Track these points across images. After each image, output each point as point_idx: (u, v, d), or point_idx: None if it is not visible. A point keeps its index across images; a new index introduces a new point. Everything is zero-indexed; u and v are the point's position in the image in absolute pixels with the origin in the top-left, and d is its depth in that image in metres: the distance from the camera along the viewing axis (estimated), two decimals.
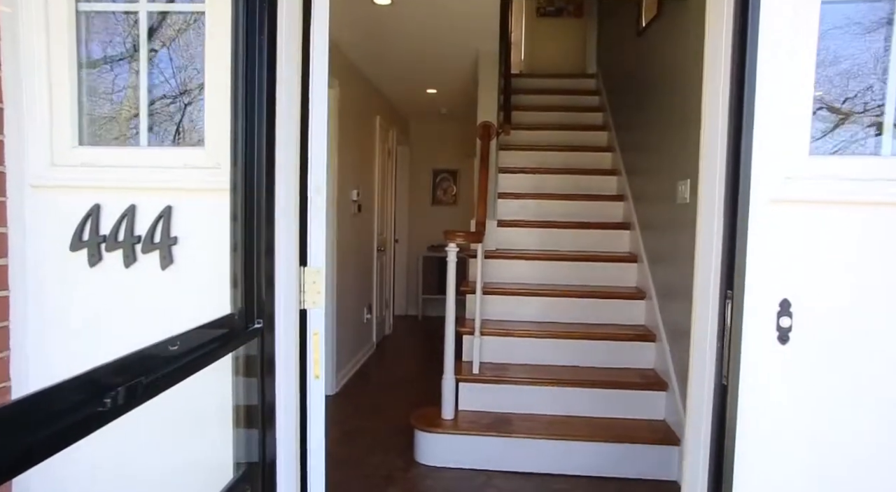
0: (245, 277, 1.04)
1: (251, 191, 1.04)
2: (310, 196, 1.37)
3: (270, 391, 1.12)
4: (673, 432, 2.80)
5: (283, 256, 1.23)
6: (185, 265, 1.20)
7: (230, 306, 1.04)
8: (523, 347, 3.25)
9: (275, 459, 1.17)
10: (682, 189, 2.81)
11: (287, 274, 1.26)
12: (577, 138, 4.71)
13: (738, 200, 1.05)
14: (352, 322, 4.52)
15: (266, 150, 1.07)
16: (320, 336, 1.45)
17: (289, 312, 1.28)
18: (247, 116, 1.02)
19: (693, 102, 2.68)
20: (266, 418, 1.11)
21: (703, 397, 1.14)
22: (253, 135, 1.04)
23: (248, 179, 1.03)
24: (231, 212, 1.03)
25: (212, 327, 0.92)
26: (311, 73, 1.32)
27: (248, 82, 1.02)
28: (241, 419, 1.12)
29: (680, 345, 2.83)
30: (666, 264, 3.13)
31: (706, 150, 1.19)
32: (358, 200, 4.52)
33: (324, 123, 1.38)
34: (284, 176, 1.21)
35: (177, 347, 0.80)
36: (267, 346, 1.10)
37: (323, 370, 1.45)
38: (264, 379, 1.10)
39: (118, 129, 1.27)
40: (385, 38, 3.76)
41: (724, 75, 1.10)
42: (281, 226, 1.22)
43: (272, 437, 1.13)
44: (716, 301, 1.11)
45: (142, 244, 1.19)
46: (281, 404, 1.16)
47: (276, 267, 1.17)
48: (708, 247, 1.16)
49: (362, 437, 3.19)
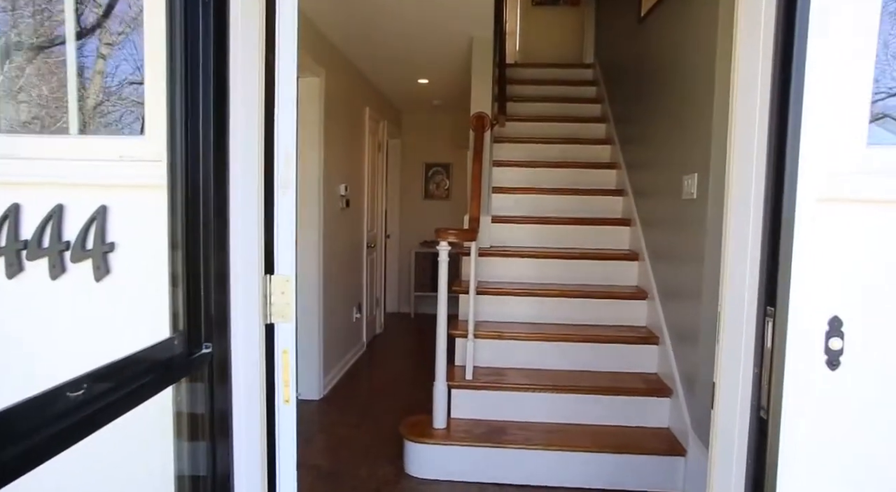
0: (188, 292, 0.86)
1: (195, 188, 0.86)
2: (276, 193, 1.19)
3: (223, 438, 0.93)
4: (678, 441, 2.65)
5: (240, 263, 1.05)
6: (123, 276, 1.01)
7: (169, 329, 0.86)
8: (519, 351, 3.08)
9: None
10: (689, 184, 2.64)
11: (247, 285, 1.08)
12: (575, 130, 4.54)
13: (781, 200, 0.88)
14: (340, 323, 4.33)
15: (215, 139, 0.88)
16: (290, 354, 1.27)
17: (250, 330, 1.10)
18: (188, 99, 0.84)
19: (701, 92, 2.51)
20: (219, 472, 0.92)
21: (733, 434, 0.97)
22: (196, 121, 0.85)
23: (191, 174, 0.85)
24: (169, 215, 0.85)
25: (138, 359, 0.74)
26: (277, 48, 1.14)
27: (187, 55, 0.83)
28: (185, 478, 0.92)
29: (685, 348, 2.67)
30: (669, 263, 2.96)
31: (739, 139, 1.01)
32: (346, 195, 4.32)
33: (292, 108, 1.19)
34: (241, 169, 1.03)
35: (82, 391, 0.62)
36: (218, 374, 0.92)
37: (294, 393, 1.27)
38: (214, 422, 0.91)
39: (40, 113, 1.08)
40: (374, 24, 3.56)
41: (763, 51, 0.93)
42: (238, 228, 1.03)
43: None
44: (752, 320, 0.94)
45: (71, 251, 1.00)
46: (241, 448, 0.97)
47: (231, 277, 0.99)
48: (740, 255, 0.98)
49: (349, 447, 3.01)
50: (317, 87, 3.64)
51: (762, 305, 0.93)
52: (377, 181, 5.57)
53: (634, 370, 3.03)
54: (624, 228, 3.72)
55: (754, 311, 0.94)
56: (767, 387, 0.90)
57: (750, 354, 0.95)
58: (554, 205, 3.92)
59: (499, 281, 3.49)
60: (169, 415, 0.88)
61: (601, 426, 2.80)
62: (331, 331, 4.04)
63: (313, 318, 3.74)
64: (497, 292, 3.31)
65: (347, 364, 4.53)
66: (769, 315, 0.91)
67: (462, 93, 4.52)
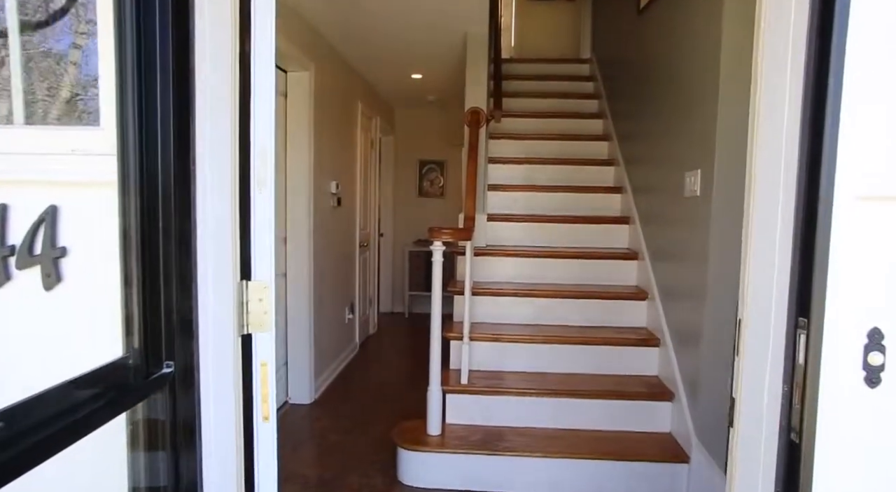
0: (144, 304, 0.75)
1: (152, 185, 0.75)
2: (252, 192, 1.08)
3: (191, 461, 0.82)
4: (680, 447, 2.56)
5: (211, 269, 0.94)
6: (77, 285, 0.91)
7: (122, 347, 0.75)
8: (516, 353, 2.98)
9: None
10: (691, 181, 2.55)
11: (219, 292, 0.97)
12: (572, 127, 4.44)
13: (816, 198, 0.78)
14: (332, 324, 4.22)
15: (176, 131, 0.77)
16: (270, 367, 1.16)
17: (223, 343, 0.99)
18: (141, 84, 0.73)
19: (705, 84, 2.41)
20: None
21: (757, 458, 0.87)
22: (153, 110, 0.74)
23: (147, 170, 0.74)
24: (120, 216, 0.74)
25: (79, 385, 0.64)
26: (252, 28, 1.02)
27: (140, 30, 0.72)
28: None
29: (687, 350, 2.58)
30: (671, 262, 2.87)
31: (764, 127, 0.91)
32: (337, 193, 4.21)
33: (269, 99, 1.08)
34: (211, 166, 0.92)
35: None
36: (181, 398, 0.81)
37: (274, 410, 1.16)
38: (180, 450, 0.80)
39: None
40: (365, 16, 3.44)
41: (794, 22, 0.82)
42: (207, 230, 0.92)
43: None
44: (780, 331, 0.84)
45: (17, 257, 0.89)
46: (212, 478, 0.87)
47: (198, 285, 0.88)
48: (766, 259, 0.89)
49: (341, 454, 2.91)
50: (306, 81, 3.52)
51: (793, 316, 0.83)
52: (370, 179, 5.46)
53: (634, 373, 2.95)
54: (623, 226, 3.63)
55: (783, 321, 0.84)
56: (800, 407, 0.80)
57: (778, 369, 0.85)
58: (551, 203, 3.83)
59: (495, 281, 3.40)
60: (123, 458, 0.78)
61: (601, 432, 2.71)
62: (322, 332, 3.93)
63: (304, 319, 3.63)
64: (493, 293, 3.21)
65: (340, 366, 4.43)
66: (801, 327, 0.81)
67: (457, 89, 4.41)
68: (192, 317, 0.85)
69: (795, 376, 0.82)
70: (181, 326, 0.82)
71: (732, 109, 2.27)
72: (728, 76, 2.26)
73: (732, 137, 2.29)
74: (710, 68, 2.35)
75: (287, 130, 3.53)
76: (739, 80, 2.24)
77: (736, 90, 2.25)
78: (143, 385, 0.75)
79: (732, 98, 2.26)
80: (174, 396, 0.79)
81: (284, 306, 3.59)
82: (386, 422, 3.29)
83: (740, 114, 2.29)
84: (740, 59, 2.24)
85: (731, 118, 2.28)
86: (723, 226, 2.33)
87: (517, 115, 4.47)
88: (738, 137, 2.31)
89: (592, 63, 5.29)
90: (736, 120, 2.28)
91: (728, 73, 2.26)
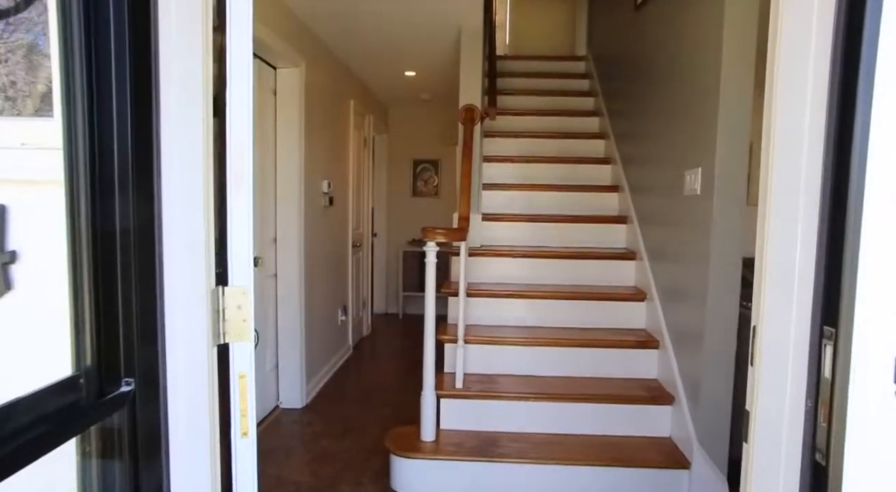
0: (98, 314, 0.67)
1: (107, 183, 0.67)
2: (229, 191, 1.00)
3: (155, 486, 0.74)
4: (681, 452, 2.50)
5: (180, 274, 0.86)
6: (29, 293, 0.82)
7: (72, 364, 0.67)
8: (512, 357, 2.91)
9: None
10: (691, 179, 2.48)
11: (191, 300, 0.89)
12: (568, 124, 4.38)
13: (846, 194, 0.71)
14: (324, 326, 4.14)
15: (135, 123, 0.69)
16: (249, 379, 1.08)
17: (195, 354, 0.91)
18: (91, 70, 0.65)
19: (706, 80, 2.34)
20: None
21: (776, 481, 0.80)
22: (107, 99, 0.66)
23: (100, 166, 0.66)
24: (67, 218, 0.66)
25: (15, 412, 0.55)
26: (227, 9, 0.94)
27: (90, 7, 0.64)
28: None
29: (687, 352, 2.51)
30: (670, 262, 2.81)
31: (781, 123, 0.84)
32: (329, 192, 4.12)
33: (246, 91, 1.00)
34: (179, 160, 0.84)
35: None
36: (144, 419, 0.73)
37: (254, 425, 1.08)
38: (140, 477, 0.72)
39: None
40: (358, 9, 3.36)
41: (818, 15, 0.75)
42: (176, 232, 0.84)
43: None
44: (804, 342, 0.77)
45: None
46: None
47: (165, 292, 0.80)
48: (787, 263, 0.81)
49: (332, 460, 2.83)
50: (297, 77, 3.43)
51: (817, 325, 0.76)
52: (363, 178, 5.38)
53: (633, 376, 2.88)
54: (620, 225, 3.57)
55: (806, 331, 0.77)
56: (826, 426, 0.73)
57: (800, 382, 0.78)
58: (547, 202, 3.76)
59: (490, 282, 3.32)
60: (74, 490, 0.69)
61: (599, 436, 2.64)
62: (314, 335, 3.85)
63: (295, 321, 3.55)
64: (488, 294, 3.13)
65: (333, 368, 4.34)
66: (827, 337, 0.74)
67: (451, 87, 4.33)
68: (156, 327, 0.77)
69: (821, 391, 0.74)
70: (143, 337, 0.73)
71: (734, 105, 2.20)
72: (730, 71, 2.19)
73: (734, 134, 2.23)
74: (712, 63, 2.28)
75: (277, 127, 3.44)
76: (742, 74, 2.18)
77: (738, 85, 2.18)
78: (96, 407, 0.67)
79: (734, 93, 2.19)
80: (134, 417, 0.71)
81: (275, 308, 3.50)
82: (380, 426, 3.22)
83: (742, 109, 2.23)
84: (742, 52, 2.18)
85: (732, 114, 2.21)
86: (724, 225, 2.27)
87: (512, 112, 4.40)
88: (740, 134, 2.25)
89: (588, 60, 5.22)
90: (737, 116, 2.22)
91: (730, 67, 2.19)
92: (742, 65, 2.17)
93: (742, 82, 2.17)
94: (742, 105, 2.20)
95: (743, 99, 2.19)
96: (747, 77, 2.17)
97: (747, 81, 2.18)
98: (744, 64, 2.17)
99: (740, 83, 2.18)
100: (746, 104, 2.19)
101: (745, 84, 2.18)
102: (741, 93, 2.18)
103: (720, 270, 2.27)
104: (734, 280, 2.29)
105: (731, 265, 2.28)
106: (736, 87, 2.19)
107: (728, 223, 2.26)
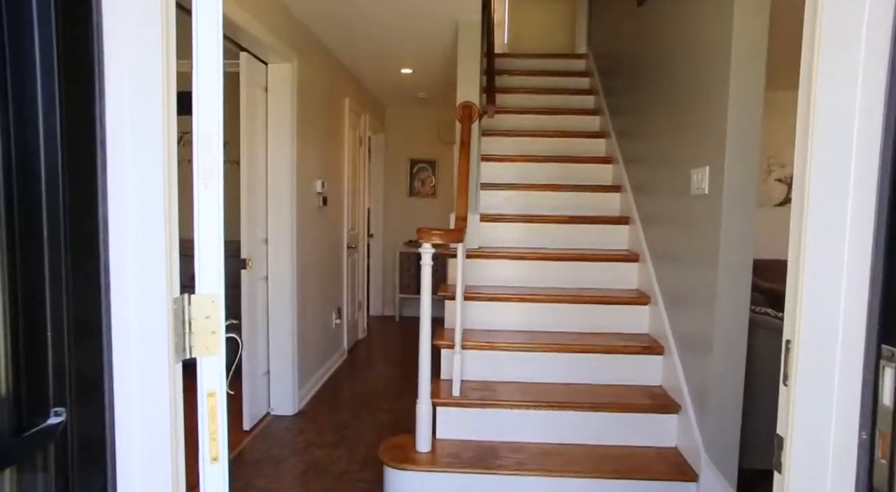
0: (15, 333, 0.56)
1: (31, 179, 0.56)
2: (195, 188, 0.89)
3: None
4: (687, 463, 2.39)
5: (133, 281, 0.75)
6: None
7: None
8: (511, 363, 2.80)
9: None
10: (698, 178, 2.38)
11: (145, 310, 0.78)
12: (568, 123, 4.28)
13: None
14: (317, 329, 4.02)
15: (67, 111, 0.58)
16: (219, 397, 0.97)
17: (152, 374, 0.80)
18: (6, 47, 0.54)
19: (714, 75, 2.24)
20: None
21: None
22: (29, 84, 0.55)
23: (27, 159, 0.55)
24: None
25: None
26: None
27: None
28: None
29: (695, 358, 2.41)
30: (676, 265, 2.70)
31: (823, 117, 0.73)
32: (323, 192, 4.01)
33: (217, 77, 0.89)
34: (133, 148, 0.73)
35: None
36: (80, 456, 0.62)
37: (225, 448, 0.97)
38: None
39: None
40: (351, 5, 3.25)
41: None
42: (125, 233, 0.73)
43: None
44: (856, 362, 0.66)
45: None
46: None
47: (112, 302, 0.69)
48: (831, 274, 0.70)
49: (324, 472, 2.71)
50: (288, 73, 3.32)
51: (874, 343, 0.65)
52: (359, 178, 5.26)
53: (637, 383, 2.77)
54: (622, 226, 3.46)
55: (859, 349, 0.66)
56: (887, 463, 0.62)
57: (850, 409, 0.67)
58: (547, 202, 3.66)
59: (488, 285, 3.21)
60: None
61: (602, 447, 2.53)
62: (307, 339, 3.73)
63: (287, 325, 3.43)
64: (487, 298, 3.02)
65: (327, 373, 4.23)
66: (887, 358, 0.63)
67: (448, 85, 4.23)
68: (100, 344, 0.66)
69: (879, 421, 0.63)
70: (79, 357, 0.62)
71: (744, 101, 2.10)
72: (740, 66, 2.08)
73: (745, 130, 2.12)
74: (720, 58, 2.18)
75: (269, 124, 3.32)
76: (753, 64, 2.07)
77: (749, 76, 2.07)
78: (12, 446, 0.56)
79: (744, 89, 2.09)
80: (65, 454, 0.60)
81: (266, 312, 3.38)
82: (374, 434, 3.10)
83: (753, 103, 2.12)
84: (752, 46, 2.07)
85: (742, 111, 2.11)
86: (734, 226, 2.16)
87: (511, 111, 4.29)
88: (752, 129, 2.14)
89: (588, 59, 5.12)
90: (748, 110, 2.11)
91: (740, 62, 2.08)
92: (753, 55, 2.07)
93: (753, 73, 2.07)
94: (753, 98, 2.09)
95: (755, 91, 2.08)
96: (759, 67, 2.07)
97: (759, 72, 2.07)
98: (754, 54, 2.07)
99: (751, 74, 2.07)
100: (758, 97, 2.09)
101: (757, 75, 2.07)
102: (752, 85, 2.08)
103: (730, 273, 2.17)
104: (744, 284, 2.18)
105: (741, 268, 2.18)
106: (746, 79, 2.08)
107: (738, 224, 2.15)
